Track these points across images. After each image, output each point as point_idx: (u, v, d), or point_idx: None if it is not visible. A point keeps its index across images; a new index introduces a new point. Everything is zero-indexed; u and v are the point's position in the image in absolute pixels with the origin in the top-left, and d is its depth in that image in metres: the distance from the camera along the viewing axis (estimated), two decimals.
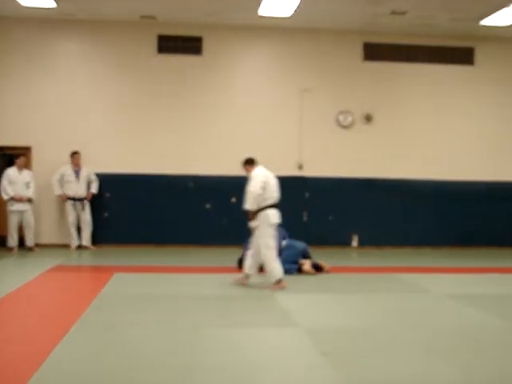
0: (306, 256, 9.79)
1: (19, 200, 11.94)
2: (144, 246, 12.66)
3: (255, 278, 8.48)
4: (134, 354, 5.07)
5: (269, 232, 8.12)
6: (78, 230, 12.51)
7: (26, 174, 12.12)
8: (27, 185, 12.06)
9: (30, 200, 12.08)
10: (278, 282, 8.13)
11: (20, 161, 12.10)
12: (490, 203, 13.72)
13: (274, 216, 8.17)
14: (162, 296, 7.64)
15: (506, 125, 13.88)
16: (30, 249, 12.07)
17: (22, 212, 12.00)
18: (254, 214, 8.11)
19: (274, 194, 8.22)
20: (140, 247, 12.58)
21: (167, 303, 7.25)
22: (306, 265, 9.50)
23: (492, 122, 13.86)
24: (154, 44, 13.08)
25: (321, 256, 9.95)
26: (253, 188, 8.03)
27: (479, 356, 5.18)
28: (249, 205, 8.07)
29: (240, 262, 9.43)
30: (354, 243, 13.50)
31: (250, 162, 8.50)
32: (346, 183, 13.42)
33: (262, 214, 8.09)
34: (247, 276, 8.40)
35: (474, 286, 8.90)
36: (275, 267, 8.09)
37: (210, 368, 4.70)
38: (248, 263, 8.34)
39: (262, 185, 8.06)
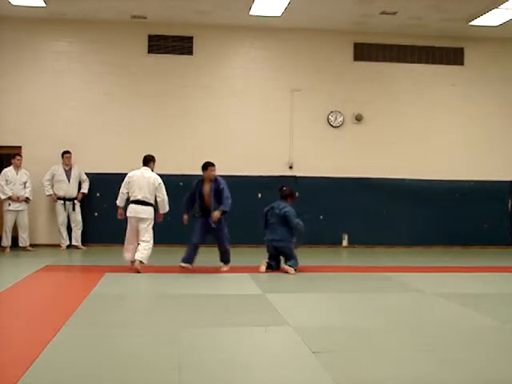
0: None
1: (16, 200, 11.92)
2: None
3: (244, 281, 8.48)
4: (124, 353, 5.06)
5: (128, 223, 9.56)
6: (69, 230, 12.49)
7: (23, 174, 12.10)
8: (24, 184, 12.05)
9: (27, 200, 12.07)
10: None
11: (17, 160, 12.07)
12: (480, 202, 13.80)
13: (130, 210, 9.48)
14: (151, 296, 7.63)
15: (496, 124, 13.96)
16: (24, 248, 12.04)
17: (17, 212, 11.98)
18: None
19: (135, 192, 9.42)
20: None
21: (157, 303, 7.24)
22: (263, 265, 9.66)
23: (482, 121, 13.94)
24: (144, 44, 13.08)
25: (311, 255, 9.95)
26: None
27: (470, 355, 5.19)
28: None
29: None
30: (345, 242, 13.53)
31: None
32: (336, 183, 13.45)
33: None
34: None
35: (465, 285, 8.93)
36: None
37: (199, 367, 4.70)
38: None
39: (125, 185, 9.54)
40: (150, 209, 9.45)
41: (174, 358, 4.89)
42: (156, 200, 9.56)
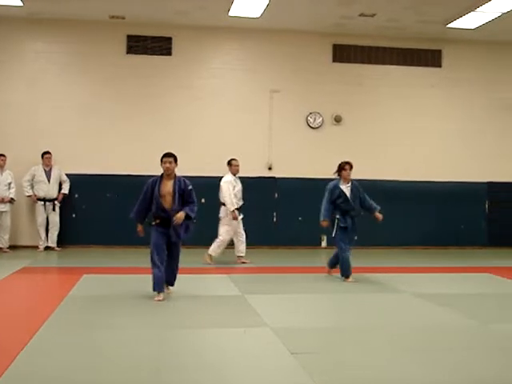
0: None
1: (1, 201, 11.80)
2: (112, 247, 12.55)
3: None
4: (102, 355, 5.03)
5: None
6: (47, 231, 12.38)
7: (7, 175, 12.00)
8: (9, 185, 11.94)
9: (11, 201, 11.96)
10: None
11: (0, 161, 11.94)
12: (457, 203, 13.90)
13: None
14: (131, 297, 7.58)
15: (474, 126, 14.08)
16: (1, 250, 11.91)
17: (1, 213, 11.87)
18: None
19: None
20: (108, 248, 12.48)
21: (136, 304, 7.19)
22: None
23: (460, 123, 14.05)
24: (122, 44, 13.01)
25: (290, 256, 9.96)
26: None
27: (451, 355, 5.21)
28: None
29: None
30: (324, 244, 13.56)
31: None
32: (315, 184, 13.41)
33: None
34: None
35: (443, 285, 8.99)
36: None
37: (178, 369, 4.69)
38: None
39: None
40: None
41: (153, 360, 4.87)
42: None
